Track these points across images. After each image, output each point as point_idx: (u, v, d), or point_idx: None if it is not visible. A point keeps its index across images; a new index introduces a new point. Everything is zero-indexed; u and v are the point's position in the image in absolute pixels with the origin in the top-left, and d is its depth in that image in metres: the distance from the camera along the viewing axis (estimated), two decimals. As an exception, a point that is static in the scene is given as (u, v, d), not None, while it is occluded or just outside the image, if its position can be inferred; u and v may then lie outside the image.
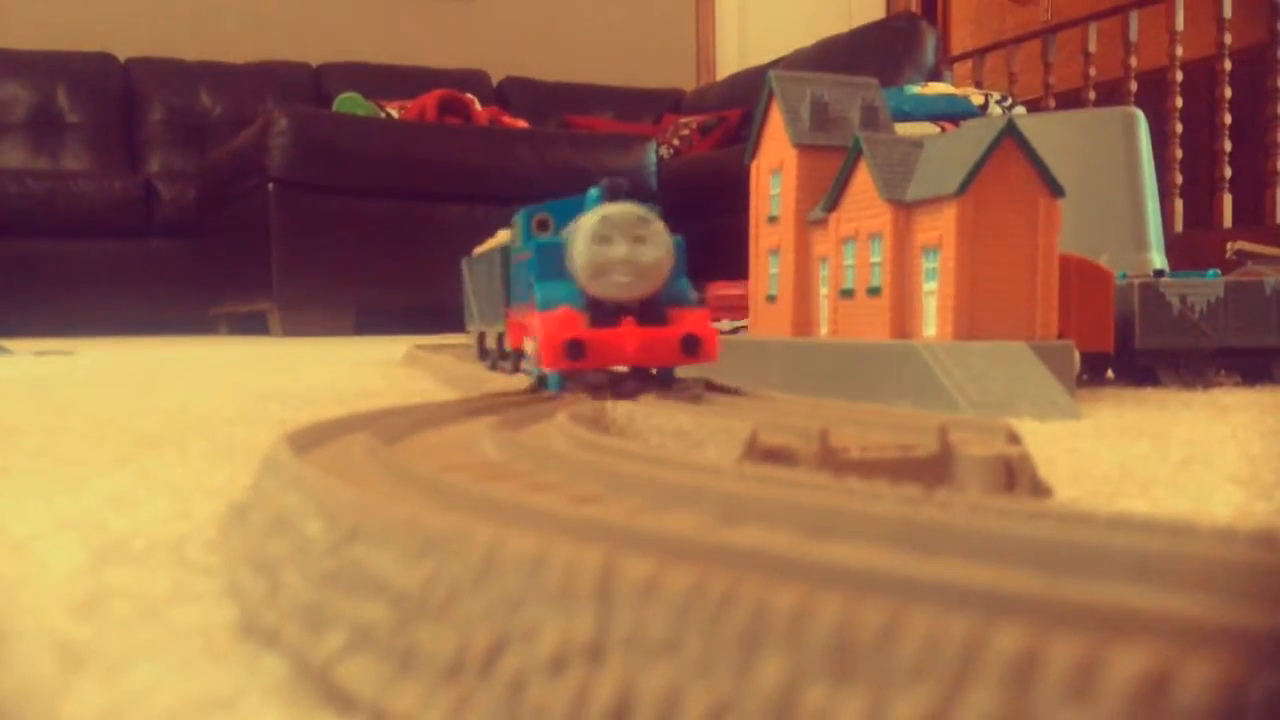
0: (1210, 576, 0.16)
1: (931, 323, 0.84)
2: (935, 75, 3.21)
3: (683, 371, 0.59)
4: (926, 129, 2.54)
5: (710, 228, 3.06)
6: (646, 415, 0.46)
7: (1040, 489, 0.35)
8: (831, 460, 0.34)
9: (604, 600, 0.17)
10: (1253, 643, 0.13)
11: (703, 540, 0.19)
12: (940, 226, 0.82)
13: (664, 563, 0.17)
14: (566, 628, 0.18)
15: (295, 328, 2.72)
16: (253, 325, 3.02)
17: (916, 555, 0.17)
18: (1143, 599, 0.14)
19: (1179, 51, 3.52)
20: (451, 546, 0.20)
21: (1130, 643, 0.13)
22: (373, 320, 2.84)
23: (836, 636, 0.14)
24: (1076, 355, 0.83)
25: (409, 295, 2.80)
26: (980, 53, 4.39)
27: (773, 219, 1.03)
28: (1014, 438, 0.37)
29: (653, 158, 3.13)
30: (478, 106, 3.19)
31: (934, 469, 0.34)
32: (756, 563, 0.18)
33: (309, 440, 0.37)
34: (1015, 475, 0.34)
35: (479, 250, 1.05)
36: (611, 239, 0.54)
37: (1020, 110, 2.84)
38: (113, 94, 3.61)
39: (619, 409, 0.48)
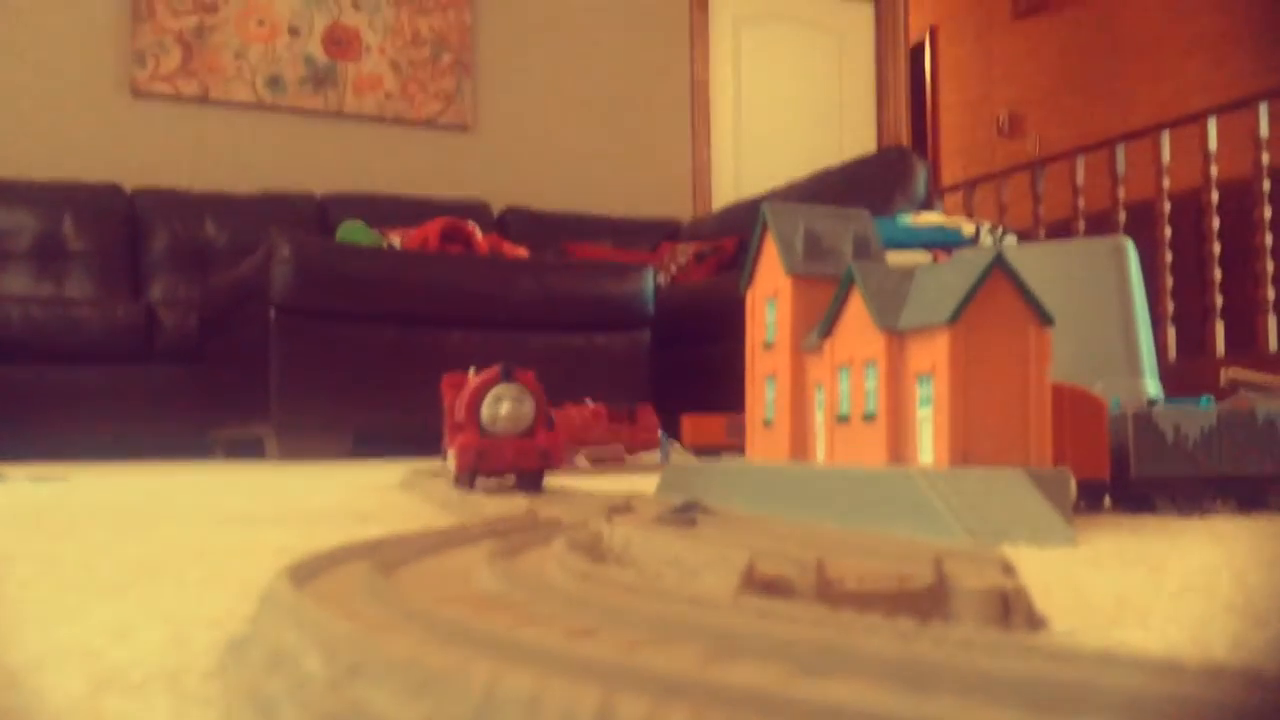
0: (1196, 716, 0.16)
1: (927, 449, 0.85)
2: (927, 205, 3.27)
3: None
4: (919, 257, 2.59)
5: (707, 353, 3.09)
6: (643, 542, 0.46)
7: (1035, 620, 0.35)
8: (828, 592, 0.34)
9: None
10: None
11: (699, 678, 0.19)
12: (933, 354, 0.84)
13: (660, 702, 0.17)
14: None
15: (292, 451, 2.71)
16: (249, 449, 3.02)
17: (909, 694, 0.17)
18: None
19: (1166, 183, 3.59)
20: (450, 684, 0.20)
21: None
22: (370, 444, 2.84)
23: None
24: (1073, 482, 0.83)
25: (407, 418, 2.81)
26: (971, 184, 4.48)
27: (768, 345, 1.04)
28: (1009, 569, 0.37)
29: (650, 285, 3.17)
30: (479, 235, 3.24)
31: (930, 600, 0.34)
32: (752, 702, 0.18)
33: (307, 572, 0.37)
34: (1010, 607, 0.34)
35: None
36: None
37: (1011, 239, 2.89)
38: (118, 223, 3.67)
39: (616, 535, 0.48)
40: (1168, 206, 3.61)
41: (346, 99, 4.15)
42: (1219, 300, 3.50)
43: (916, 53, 5.65)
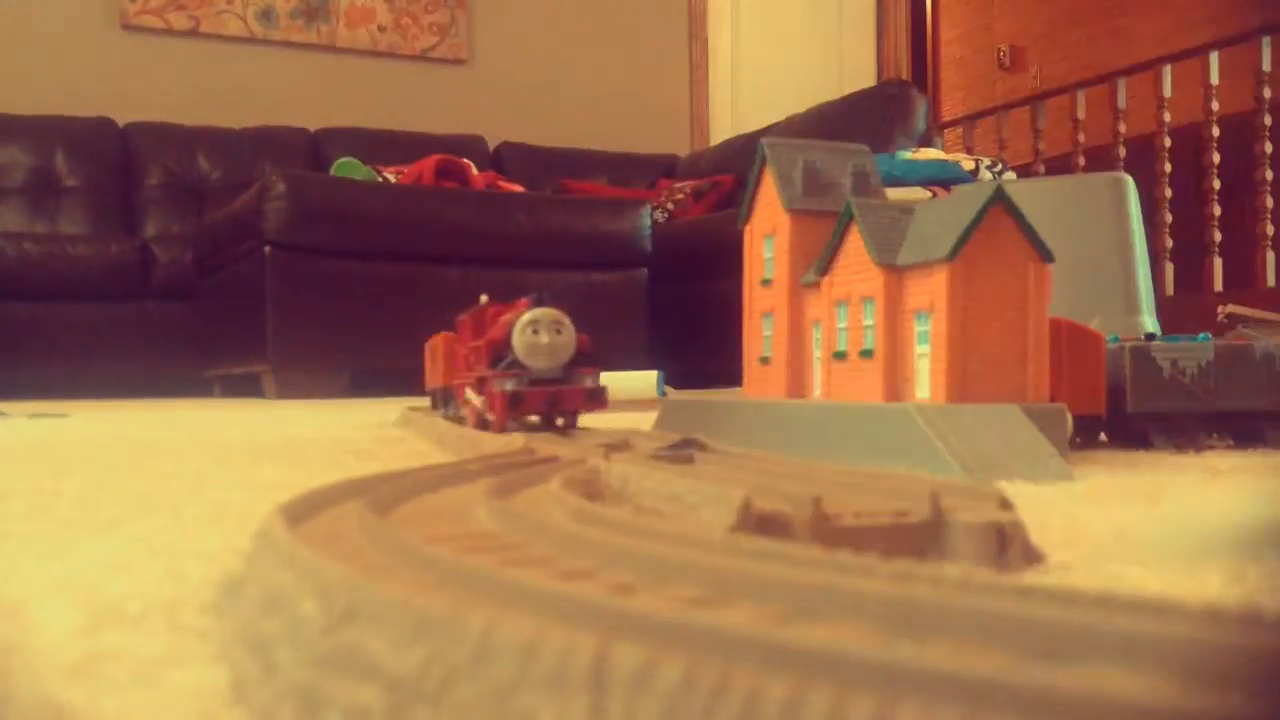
0: (1194, 660, 0.16)
1: (924, 385, 0.85)
2: (926, 141, 3.25)
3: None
4: (918, 194, 2.57)
5: (704, 290, 3.08)
6: (641, 478, 0.46)
7: (1032, 555, 0.35)
8: (825, 528, 0.34)
9: (598, 688, 0.17)
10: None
11: (695, 624, 0.19)
12: (932, 290, 0.83)
13: (657, 651, 0.17)
14: (561, 716, 0.18)
15: (289, 389, 2.72)
16: (246, 387, 3.02)
17: (905, 640, 0.17)
18: (1127, 687, 0.14)
19: (1167, 118, 3.56)
20: (446, 630, 0.20)
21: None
22: (367, 381, 2.84)
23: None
24: (1069, 417, 0.83)
25: (404, 356, 2.80)
26: (971, 119, 4.44)
27: (766, 282, 1.04)
28: (1005, 503, 0.37)
29: (647, 221, 3.16)
30: (474, 171, 3.22)
31: (927, 536, 0.34)
32: (748, 649, 0.18)
33: (302, 511, 0.37)
34: (1007, 541, 0.34)
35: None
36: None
37: (1010, 175, 2.87)
38: (111, 158, 3.64)
39: (613, 472, 0.48)
40: (1168, 141, 3.59)
41: (339, 32, 4.10)
42: (1218, 236, 3.49)
43: (917, -16, 5.57)
